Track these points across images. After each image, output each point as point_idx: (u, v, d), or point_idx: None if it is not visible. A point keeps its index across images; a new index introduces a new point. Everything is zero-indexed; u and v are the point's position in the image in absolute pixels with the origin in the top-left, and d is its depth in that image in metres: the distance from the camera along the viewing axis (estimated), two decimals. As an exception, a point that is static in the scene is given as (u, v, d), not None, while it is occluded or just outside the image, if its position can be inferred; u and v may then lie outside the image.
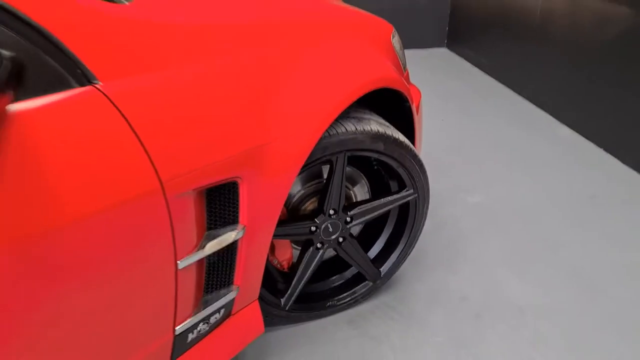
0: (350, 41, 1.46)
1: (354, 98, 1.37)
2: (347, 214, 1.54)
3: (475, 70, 4.13)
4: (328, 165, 1.49)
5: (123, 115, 0.90)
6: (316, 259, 1.55)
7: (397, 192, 1.61)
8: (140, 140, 0.92)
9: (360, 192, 1.68)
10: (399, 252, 1.71)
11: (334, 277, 1.73)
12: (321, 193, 1.51)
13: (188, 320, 1.17)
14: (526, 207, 2.29)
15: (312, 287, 1.70)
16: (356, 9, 1.68)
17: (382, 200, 1.58)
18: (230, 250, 1.20)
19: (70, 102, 0.85)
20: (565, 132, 3.06)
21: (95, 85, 0.89)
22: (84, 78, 0.88)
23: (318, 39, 1.36)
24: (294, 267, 1.58)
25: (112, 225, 0.90)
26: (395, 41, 1.70)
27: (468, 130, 3.04)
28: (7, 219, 0.78)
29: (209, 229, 1.12)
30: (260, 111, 1.14)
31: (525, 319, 1.69)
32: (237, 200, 1.15)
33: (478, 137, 2.95)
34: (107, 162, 0.88)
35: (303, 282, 1.56)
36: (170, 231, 1.01)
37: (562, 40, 3.12)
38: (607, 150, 2.79)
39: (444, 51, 4.63)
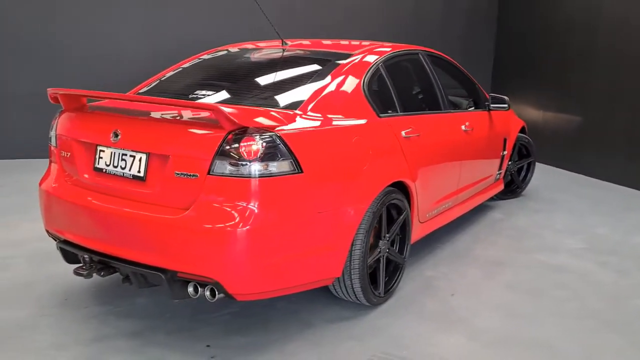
0: (515, 118, 5.56)
1: (519, 128, 5.44)
2: (516, 162, 5.52)
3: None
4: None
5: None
6: (511, 175, 5.48)
7: (527, 158, 5.61)
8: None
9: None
10: (528, 178, 5.66)
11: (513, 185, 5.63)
12: (512, 156, 5.46)
13: (496, 172, 5.06)
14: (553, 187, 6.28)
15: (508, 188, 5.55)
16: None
17: (524, 160, 5.59)
18: (503, 157, 5.13)
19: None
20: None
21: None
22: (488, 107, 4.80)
23: (512, 119, 5.44)
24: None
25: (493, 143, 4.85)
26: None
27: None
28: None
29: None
30: (510, 128, 5.16)
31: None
32: (506, 144, 5.10)
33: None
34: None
35: (507, 180, 5.45)
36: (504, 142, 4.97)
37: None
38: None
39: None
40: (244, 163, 2.38)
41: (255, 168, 2.39)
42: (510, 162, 5.45)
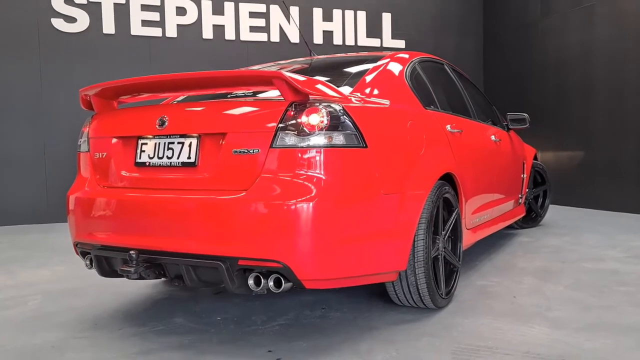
0: (527, 145, 5.55)
1: (533, 155, 5.41)
2: (533, 190, 5.44)
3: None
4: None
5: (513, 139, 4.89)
6: (529, 203, 5.37)
7: (542, 185, 5.54)
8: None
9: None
10: (545, 207, 5.56)
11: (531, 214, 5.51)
12: (528, 184, 5.40)
13: (519, 195, 4.97)
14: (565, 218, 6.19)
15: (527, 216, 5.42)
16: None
17: (540, 187, 5.51)
18: (523, 180, 5.05)
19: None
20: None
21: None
22: (507, 127, 4.78)
23: (525, 146, 5.43)
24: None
25: (516, 163, 4.79)
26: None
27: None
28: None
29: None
30: (525, 153, 5.13)
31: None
32: (525, 167, 5.05)
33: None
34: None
35: (526, 207, 5.34)
36: (522, 165, 4.91)
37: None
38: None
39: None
40: (308, 133, 2.22)
41: (321, 139, 2.23)
42: (527, 190, 5.36)
